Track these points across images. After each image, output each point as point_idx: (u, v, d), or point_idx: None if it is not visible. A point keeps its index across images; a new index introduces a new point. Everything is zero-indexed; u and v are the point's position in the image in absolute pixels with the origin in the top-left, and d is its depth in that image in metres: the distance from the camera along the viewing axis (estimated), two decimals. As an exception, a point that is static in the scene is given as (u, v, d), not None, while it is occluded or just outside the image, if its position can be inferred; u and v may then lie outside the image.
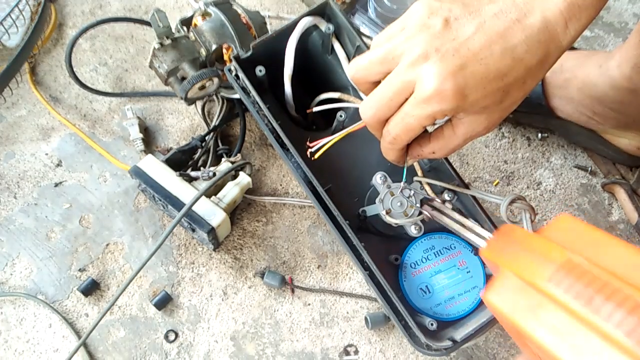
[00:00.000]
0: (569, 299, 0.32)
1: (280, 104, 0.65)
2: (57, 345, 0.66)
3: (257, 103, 0.59)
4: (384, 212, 0.57)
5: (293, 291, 0.69)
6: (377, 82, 0.45)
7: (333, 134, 0.54)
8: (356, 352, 0.67)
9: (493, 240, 0.47)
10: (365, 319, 0.67)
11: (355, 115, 0.60)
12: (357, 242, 0.55)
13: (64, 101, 0.79)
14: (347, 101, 0.58)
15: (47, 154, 0.76)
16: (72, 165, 0.75)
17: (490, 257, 0.43)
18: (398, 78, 0.42)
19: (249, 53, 0.60)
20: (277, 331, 0.68)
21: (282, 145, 0.59)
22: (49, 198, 0.73)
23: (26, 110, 0.78)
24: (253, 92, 0.59)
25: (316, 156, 0.55)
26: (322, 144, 0.54)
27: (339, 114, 0.61)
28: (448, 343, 0.53)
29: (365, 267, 0.56)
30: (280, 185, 0.75)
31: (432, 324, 0.55)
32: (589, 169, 0.77)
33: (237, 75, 0.61)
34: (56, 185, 0.74)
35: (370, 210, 0.58)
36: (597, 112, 0.69)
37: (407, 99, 0.42)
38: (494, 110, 0.43)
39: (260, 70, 0.60)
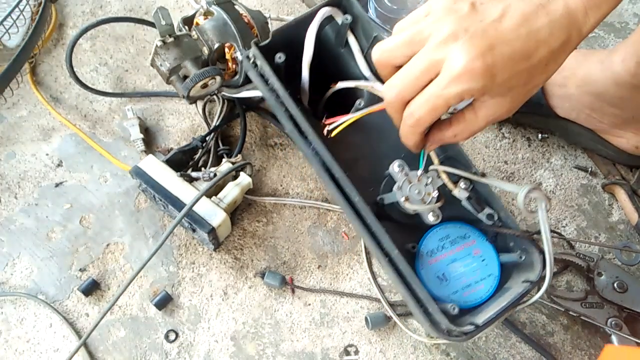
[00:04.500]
0: None
1: (293, 96, 0.64)
2: (58, 345, 0.66)
3: (275, 90, 0.58)
4: (402, 199, 0.56)
5: (293, 291, 0.69)
6: (400, 67, 0.45)
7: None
8: (356, 352, 0.67)
9: None
10: (366, 319, 0.67)
11: (373, 103, 0.60)
12: (378, 228, 0.54)
13: (65, 101, 0.79)
14: (364, 88, 0.58)
15: (47, 154, 0.76)
16: (73, 165, 0.75)
17: None
18: (426, 56, 0.43)
19: (268, 40, 0.60)
20: (277, 331, 0.68)
21: (300, 132, 0.59)
22: (49, 198, 0.73)
23: (27, 110, 0.78)
24: (273, 79, 0.58)
25: (333, 134, 0.55)
26: (339, 122, 0.54)
27: (358, 101, 0.61)
28: (470, 327, 0.53)
29: (385, 253, 0.56)
30: (281, 185, 0.75)
31: (454, 309, 0.54)
32: (589, 169, 0.77)
33: (254, 63, 0.60)
34: (57, 185, 0.74)
35: (388, 198, 0.58)
36: (595, 109, 0.69)
37: (431, 81, 0.43)
38: (519, 92, 0.44)
39: (280, 57, 0.59)
